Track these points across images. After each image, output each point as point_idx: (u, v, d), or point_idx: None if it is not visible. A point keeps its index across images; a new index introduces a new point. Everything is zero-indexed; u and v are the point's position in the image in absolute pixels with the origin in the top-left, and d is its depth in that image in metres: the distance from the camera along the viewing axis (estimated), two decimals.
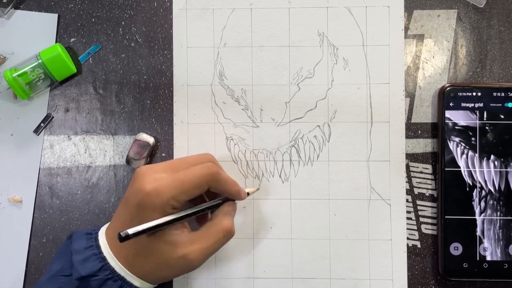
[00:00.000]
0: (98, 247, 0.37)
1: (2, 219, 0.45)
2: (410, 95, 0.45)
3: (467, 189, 0.43)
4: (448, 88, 0.43)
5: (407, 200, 0.44)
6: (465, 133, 0.43)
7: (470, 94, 0.43)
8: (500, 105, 0.43)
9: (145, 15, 0.46)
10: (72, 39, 0.46)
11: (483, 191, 0.43)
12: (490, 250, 0.43)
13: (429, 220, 0.44)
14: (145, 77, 0.46)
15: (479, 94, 0.43)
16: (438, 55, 0.45)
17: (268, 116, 0.45)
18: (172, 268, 0.37)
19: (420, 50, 0.45)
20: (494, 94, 0.43)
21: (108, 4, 0.46)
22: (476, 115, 0.43)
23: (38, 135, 0.46)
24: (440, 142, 0.44)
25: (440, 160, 0.43)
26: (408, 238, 0.44)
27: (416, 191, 0.45)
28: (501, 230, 0.43)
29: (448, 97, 0.43)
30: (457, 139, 0.43)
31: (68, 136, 0.46)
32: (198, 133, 0.45)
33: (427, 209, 0.44)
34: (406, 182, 0.45)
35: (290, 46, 0.45)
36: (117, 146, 0.46)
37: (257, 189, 0.45)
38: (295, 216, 0.45)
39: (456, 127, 0.43)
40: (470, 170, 0.43)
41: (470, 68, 0.45)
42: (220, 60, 0.45)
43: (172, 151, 0.45)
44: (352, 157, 0.45)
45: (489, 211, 0.43)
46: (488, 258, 0.43)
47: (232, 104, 0.45)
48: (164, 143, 0.45)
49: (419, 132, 0.45)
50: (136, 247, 0.36)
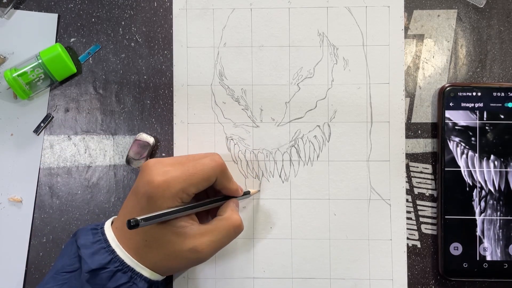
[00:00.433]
0: (106, 240, 0.37)
1: (2, 219, 0.45)
2: (410, 95, 0.45)
3: (467, 189, 0.43)
4: (448, 88, 0.43)
5: (407, 200, 0.44)
6: (465, 133, 0.43)
7: (470, 94, 0.43)
8: (500, 105, 0.43)
9: (145, 15, 0.46)
10: (72, 39, 0.46)
11: (483, 191, 0.43)
12: (490, 250, 0.43)
13: (429, 220, 0.44)
14: (145, 77, 0.46)
15: (479, 94, 0.43)
16: (438, 55, 0.45)
17: (268, 116, 0.45)
18: (181, 259, 0.37)
19: (420, 50, 0.45)
20: (494, 94, 0.43)
21: (108, 4, 0.46)
22: (476, 115, 0.43)
23: (38, 135, 0.46)
24: (440, 142, 0.44)
25: (440, 160, 0.43)
26: (408, 238, 0.44)
27: (416, 191, 0.45)
28: (501, 230, 0.43)
29: (448, 97, 0.43)
30: (457, 139, 0.43)
31: (68, 136, 0.46)
32: (198, 133, 0.45)
33: (427, 209, 0.44)
34: (406, 182, 0.45)
35: (290, 46, 0.45)
36: (117, 146, 0.46)
37: (258, 191, 0.45)
38: (295, 216, 0.45)
39: (456, 127, 0.43)
40: (470, 170, 0.43)
41: (470, 68, 0.45)
42: (220, 60, 0.45)
43: (172, 151, 0.45)
44: (352, 157, 0.45)
45: (489, 211, 0.43)
46: (488, 258, 0.43)
47: (232, 104, 0.45)
48: (164, 143, 0.45)
49: (419, 132, 0.45)
50: (146, 239, 0.37)
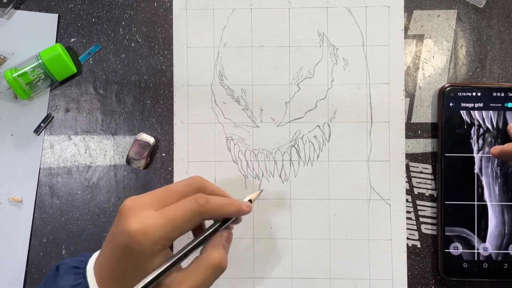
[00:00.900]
0: (85, 285, 0.34)
1: (2, 219, 0.45)
2: (410, 95, 0.45)
3: (467, 189, 0.43)
4: (448, 88, 0.43)
5: (407, 200, 0.44)
6: (465, 133, 0.43)
7: (470, 94, 0.43)
8: (500, 105, 0.43)
9: (145, 15, 0.46)
10: (72, 39, 0.46)
11: (484, 192, 0.43)
12: (490, 250, 0.43)
13: (429, 220, 0.44)
14: (145, 77, 0.46)
15: (479, 94, 0.43)
16: (438, 55, 0.45)
17: (268, 116, 0.45)
18: None
19: (420, 50, 0.45)
20: (494, 94, 0.43)
21: (108, 4, 0.46)
22: (476, 115, 0.43)
23: (38, 135, 0.46)
24: (440, 142, 0.44)
25: (440, 160, 0.43)
26: (408, 238, 0.44)
27: (416, 191, 0.45)
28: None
29: (448, 97, 0.43)
30: (457, 139, 0.43)
31: (68, 136, 0.46)
32: (198, 133, 0.45)
33: (427, 209, 0.44)
34: (406, 182, 0.45)
35: (290, 46, 0.45)
36: (117, 146, 0.46)
37: (261, 191, 0.42)
38: (295, 216, 0.45)
39: (456, 127, 0.43)
40: (470, 171, 0.43)
41: (470, 68, 0.45)
42: (220, 60, 0.45)
43: (172, 151, 0.45)
44: (352, 157, 0.45)
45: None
46: (488, 258, 0.43)
47: (232, 104, 0.45)
48: (164, 143, 0.45)
49: (419, 132, 0.45)
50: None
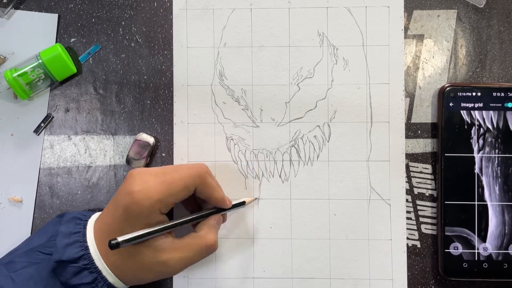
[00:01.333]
0: (84, 235, 0.37)
1: (2, 219, 0.45)
2: (410, 95, 0.45)
3: (468, 189, 0.43)
4: (448, 88, 0.43)
5: (407, 200, 0.44)
6: (465, 133, 0.43)
7: (470, 94, 0.43)
8: (500, 105, 0.43)
9: (145, 15, 0.46)
10: (72, 39, 0.46)
11: (484, 192, 0.43)
12: (490, 250, 0.43)
13: (429, 220, 0.44)
14: (145, 77, 0.46)
15: (479, 94, 0.43)
16: (438, 55, 0.45)
17: (268, 116, 0.45)
18: (149, 271, 0.37)
19: (420, 50, 0.45)
20: (494, 94, 0.43)
21: (108, 4, 0.46)
22: (476, 115, 0.43)
23: (38, 135, 0.46)
24: (440, 142, 0.44)
25: (440, 160, 0.43)
26: (408, 238, 0.44)
27: (416, 191, 0.45)
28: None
29: (448, 97, 0.43)
30: (457, 139, 0.43)
31: (68, 136, 0.46)
32: (198, 133, 0.45)
33: (427, 209, 0.44)
34: (406, 182, 0.45)
35: (290, 46, 0.45)
36: (117, 146, 0.46)
37: (255, 199, 0.45)
38: (295, 216, 0.45)
39: (456, 127, 0.43)
40: (470, 171, 0.43)
41: (470, 68, 0.45)
42: (220, 60, 0.45)
43: (172, 151, 0.45)
44: (352, 157, 0.45)
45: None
46: (488, 258, 0.43)
47: (232, 104, 0.45)
48: (164, 143, 0.45)
49: (419, 132, 0.45)
50: None
